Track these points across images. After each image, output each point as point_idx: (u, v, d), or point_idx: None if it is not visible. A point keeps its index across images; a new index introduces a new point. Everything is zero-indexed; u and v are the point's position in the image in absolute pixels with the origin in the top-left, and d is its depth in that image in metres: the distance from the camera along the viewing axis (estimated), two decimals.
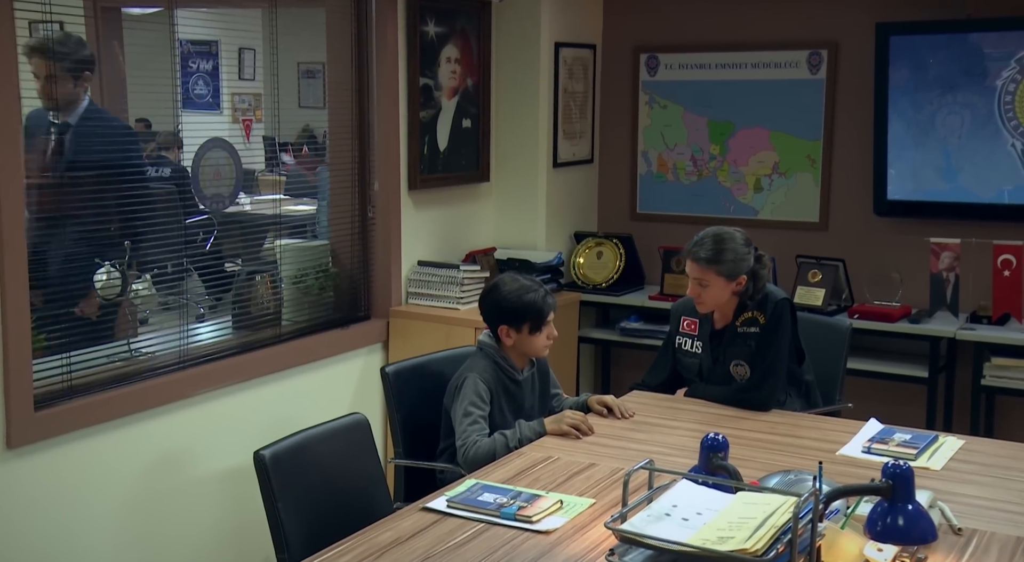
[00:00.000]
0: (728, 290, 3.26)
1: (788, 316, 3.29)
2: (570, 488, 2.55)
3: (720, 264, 3.23)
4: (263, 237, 4.28)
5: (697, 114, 5.11)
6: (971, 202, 4.48)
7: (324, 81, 4.57)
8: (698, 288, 3.27)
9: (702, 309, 3.33)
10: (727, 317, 3.34)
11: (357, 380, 4.33)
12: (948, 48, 4.44)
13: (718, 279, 3.24)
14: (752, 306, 3.30)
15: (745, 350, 3.28)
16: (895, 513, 1.98)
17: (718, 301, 3.29)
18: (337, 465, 2.71)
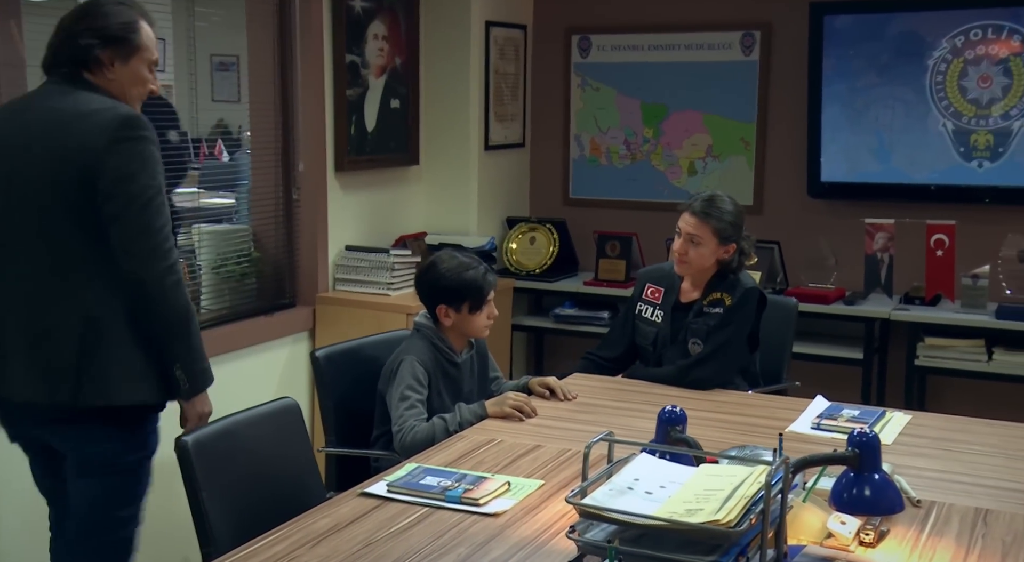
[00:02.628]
0: (715, 255, 3.17)
1: (754, 305, 3.20)
2: (516, 470, 2.42)
3: (719, 221, 3.14)
4: (178, 226, 4.06)
5: (630, 97, 5.03)
6: (904, 183, 4.48)
7: (239, 71, 4.36)
8: (688, 245, 3.17)
9: (682, 270, 3.23)
10: (697, 290, 3.25)
11: (282, 370, 4.15)
12: (881, 28, 4.42)
13: (712, 238, 3.15)
14: (722, 287, 3.20)
15: (704, 329, 3.19)
16: (861, 483, 1.91)
17: (703, 264, 3.18)
18: (266, 452, 2.53)
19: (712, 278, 3.22)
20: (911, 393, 4.31)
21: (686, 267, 3.21)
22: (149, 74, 2.50)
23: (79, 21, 2.44)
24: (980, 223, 4.34)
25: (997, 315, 4.15)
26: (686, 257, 3.18)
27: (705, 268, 3.20)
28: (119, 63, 2.44)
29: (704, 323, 3.19)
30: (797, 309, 3.61)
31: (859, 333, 4.41)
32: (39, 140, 2.36)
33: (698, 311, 3.22)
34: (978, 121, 4.33)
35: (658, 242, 4.82)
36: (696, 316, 3.22)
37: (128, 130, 2.35)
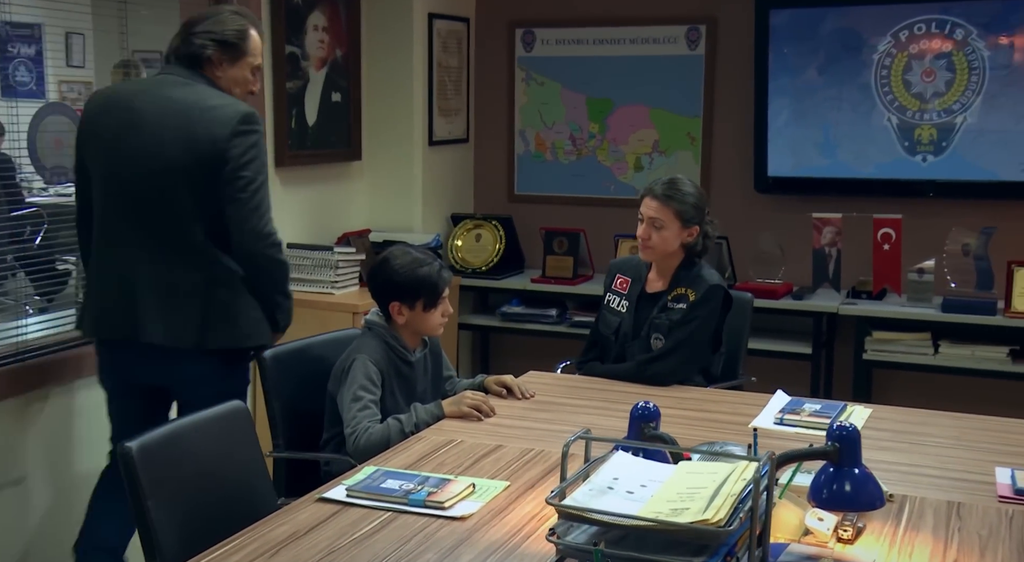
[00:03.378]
0: (679, 238, 3.14)
1: (718, 302, 3.16)
2: (480, 471, 2.33)
3: (680, 203, 3.11)
4: None
5: (575, 91, 4.97)
6: (850, 177, 4.49)
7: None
8: (651, 229, 3.13)
9: (647, 255, 3.19)
10: (663, 280, 3.21)
11: None
12: (826, 23, 4.42)
13: (674, 221, 3.11)
14: (687, 281, 3.16)
15: (667, 324, 3.15)
16: (841, 478, 1.85)
17: (667, 248, 3.14)
18: (214, 458, 2.40)
19: (678, 268, 3.18)
20: (860, 387, 4.31)
21: (651, 252, 3.18)
22: (251, 77, 2.94)
23: (199, 23, 2.87)
24: (925, 217, 4.37)
25: (943, 308, 4.17)
26: (650, 242, 3.15)
27: (670, 253, 3.17)
28: (227, 65, 2.87)
29: (667, 318, 3.15)
30: (752, 304, 3.58)
31: (807, 328, 4.40)
32: (170, 125, 2.75)
33: (662, 306, 3.17)
34: (922, 115, 4.35)
35: (606, 238, 4.78)
36: (660, 311, 3.17)
37: (247, 125, 2.80)
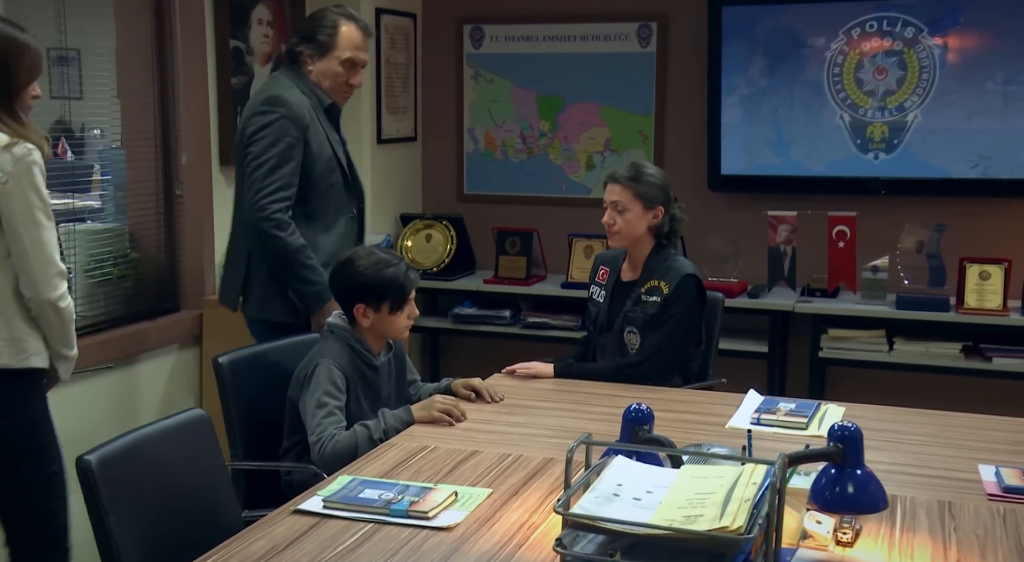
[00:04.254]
0: (644, 221, 3.11)
1: (693, 294, 3.12)
2: (459, 478, 2.24)
3: (640, 184, 3.10)
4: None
5: (525, 89, 4.89)
6: (802, 175, 4.48)
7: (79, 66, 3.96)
8: (614, 215, 3.11)
9: (615, 242, 3.17)
10: (636, 268, 3.17)
11: (167, 382, 3.84)
12: (779, 20, 4.41)
13: (636, 203, 3.09)
14: (659, 272, 3.11)
15: (642, 317, 3.11)
16: (844, 480, 1.79)
17: (633, 231, 3.11)
18: (177, 469, 2.28)
19: (649, 257, 3.15)
20: (816, 385, 4.31)
21: (618, 238, 3.15)
22: (341, 70, 3.15)
23: (302, 22, 3.23)
24: (877, 214, 4.38)
25: (897, 305, 4.18)
26: (615, 227, 3.13)
27: (637, 236, 3.13)
28: (316, 59, 3.15)
29: (642, 312, 3.11)
30: (724, 304, 3.54)
31: (762, 326, 4.38)
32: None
33: (636, 298, 3.14)
34: (874, 113, 4.36)
35: (560, 238, 4.71)
36: (634, 304, 3.13)
37: (266, 106, 3.06)
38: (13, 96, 2.41)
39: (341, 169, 3.22)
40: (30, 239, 2.39)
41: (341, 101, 3.25)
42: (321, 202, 3.18)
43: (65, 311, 2.49)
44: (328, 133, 3.19)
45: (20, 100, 2.43)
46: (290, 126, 3.06)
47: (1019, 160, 4.20)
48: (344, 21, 3.15)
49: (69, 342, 2.55)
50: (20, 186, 2.37)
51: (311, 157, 3.12)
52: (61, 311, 2.48)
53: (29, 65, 2.42)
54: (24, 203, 2.37)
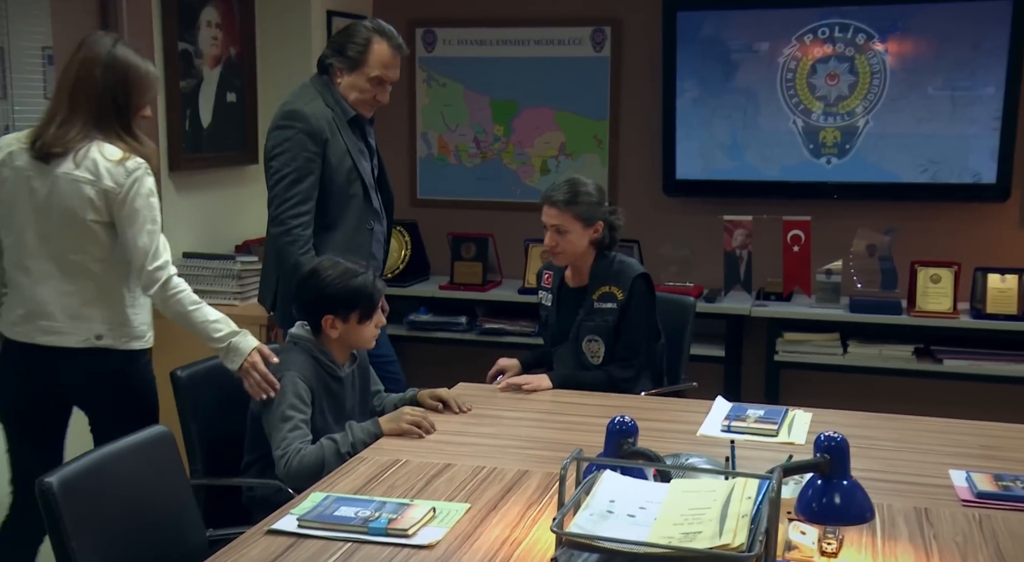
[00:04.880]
0: (586, 238, 3.14)
1: (646, 292, 3.17)
2: (434, 493, 2.20)
3: (578, 205, 3.11)
4: None
5: (479, 93, 4.86)
6: (757, 179, 4.51)
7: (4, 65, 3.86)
8: (556, 236, 3.13)
9: (560, 261, 3.20)
10: (582, 275, 3.20)
11: None
12: (733, 25, 4.43)
13: (576, 223, 3.11)
14: (609, 278, 3.14)
15: (602, 326, 3.13)
16: (831, 491, 1.79)
17: (576, 250, 3.15)
18: (140, 489, 2.20)
19: (594, 264, 3.18)
20: (772, 388, 4.34)
21: (562, 257, 3.20)
22: (369, 86, 3.18)
23: (336, 34, 3.27)
24: (831, 218, 4.42)
25: (851, 309, 4.22)
26: (558, 249, 3.16)
27: (580, 253, 3.17)
28: (346, 73, 3.19)
29: (601, 319, 3.13)
30: (695, 308, 3.54)
31: (718, 330, 4.40)
32: None
33: (589, 307, 3.15)
34: (826, 118, 4.40)
35: (515, 243, 4.69)
36: (588, 313, 3.15)
37: (285, 120, 3.15)
38: (131, 116, 2.70)
39: (362, 181, 3.23)
40: (138, 243, 2.64)
41: (365, 113, 3.26)
42: (340, 213, 3.21)
43: (172, 300, 2.68)
44: (349, 144, 3.20)
45: (136, 120, 2.73)
46: (307, 141, 3.11)
47: (966, 165, 4.27)
48: (377, 38, 3.17)
49: (199, 330, 2.70)
50: (130, 196, 2.63)
51: (330, 169, 3.16)
52: (168, 300, 2.68)
53: (146, 90, 2.73)
54: (132, 210, 2.63)
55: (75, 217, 2.65)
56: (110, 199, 2.63)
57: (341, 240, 3.20)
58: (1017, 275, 4.04)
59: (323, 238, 3.17)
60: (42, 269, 2.69)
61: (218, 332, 2.69)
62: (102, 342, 2.72)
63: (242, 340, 2.70)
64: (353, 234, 3.23)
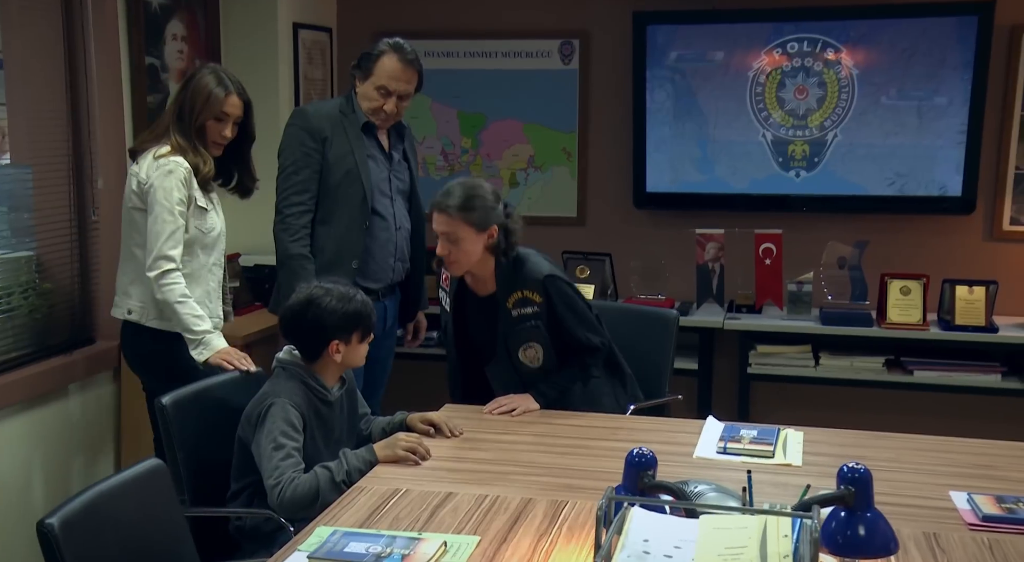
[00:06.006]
0: (480, 244, 2.97)
1: (562, 285, 3.07)
2: (441, 525, 2.16)
3: (470, 211, 2.94)
4: None
5: (446, 105, 4.82)
6: (726, 192, 4.53)
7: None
8: (448, 245, 2.97)
9: (455, 270, 3.06)
10: (486, 283, 3.07)
11: (87, 421, 3.62)
12: (703, 39, 4.45)
13: (468, 230, 2.95)
14: (519, 283, 3.02)
15: (532, 332, 3.03)
16: (855, 522, 1.79)
17: (471, 258, 2.99)
18: (137, 525, 2.14)
19: (497, 270, 3.04)
20: (744, 401, 4.36)
21: (457, 266, 3.03)
22: (376, 95, 3.40)
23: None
24: (800, 231, 4.46)
25: (822, 321, 4.26)
26: (451, 257, 3.00)
27: (476, 260, 3.01)
28: (360, 82, 3.45)
29: (529, 326, 3.03)
30: (678, 322, 3.54)
31: (690, 342, 4.41)
32: None
33: (507, 319, 3.03)
34: (795, 132, 4.44)
35: None
36: (509, 325, 3.03)
37: (290, 118, 3.48)
38: (193, 127, 3.08)
39: (363, 183, 3.41)
40: (150, 229, 3.02)
41: (378, 123, 3.46)
42: (334, 209, 3.42)
43: (163, 289, 3.01)
44: (356, 147, 3.42)
45: (202, 133, 3.10)
46: (305, 136, 3.39)
47: (932, 177, 4.34)
48: (388, 52, 3.41)
49: (183, 324, 3.02)
50: (154, 188, 3.02)
51: (328, 166, 3.41)
52: (159, 288, 3.00)
53: (207, 107, 3.08)
54: (152, 201, 3.02)
55: (126, 206, 3.13)
56: (143, 189, 3.05)
57: (334, 235, 3.42)
58: (984, 287, 4.11)
59: (318, 231, 3.42)
60: (121, 253, 3.21)
61: (197, 326, 3.02)
62: (131, 316, 3.14)
63: (215, 338, 3.03)
64: (345, 231, 3.41)
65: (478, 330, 3.14)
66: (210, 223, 3.15)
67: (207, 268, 3.17)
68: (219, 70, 3.15)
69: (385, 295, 3.60)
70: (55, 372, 3.48)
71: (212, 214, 3.16)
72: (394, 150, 3.58)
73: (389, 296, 3.64)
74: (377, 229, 3.48)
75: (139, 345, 3.18)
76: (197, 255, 3.13)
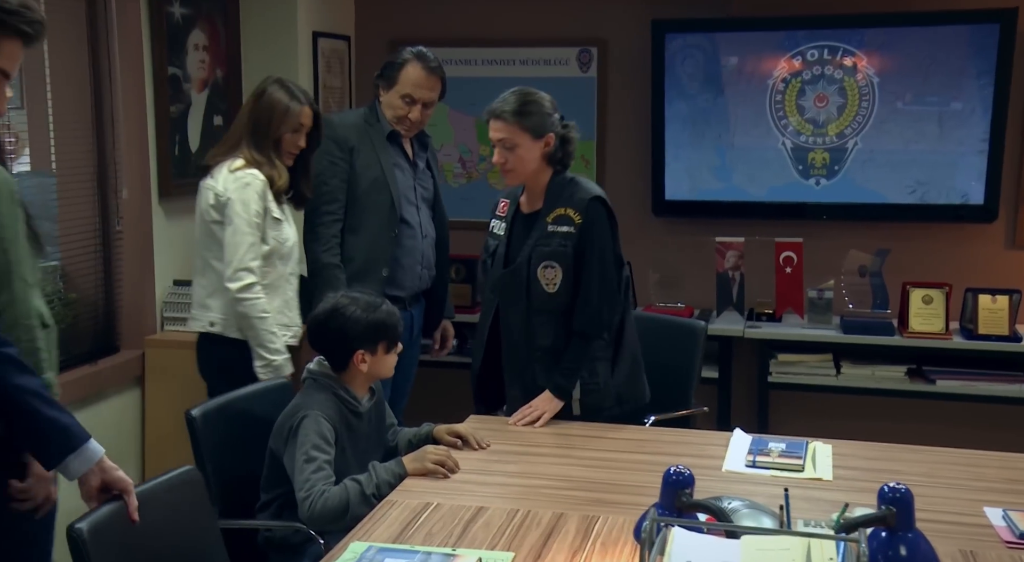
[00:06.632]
0: (536, 152, 2.95)
1: (604, 218, 3.00)
2: (474, 541, 2.15)
3: (526, 117, 2.93)
4: None
5: (464, 113, 4.82)
6: (745, 200, 4.52)
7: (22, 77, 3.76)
8: (504, 152, 2.95)
9: (512, 180, 3.02)
10: (537, 198, 3.03)
11: (111, 430, 3.63)
12: (722, 47, 4.44)
13: (524, 136, 2.93)
14: (563, 199, 2.98)
15: (559, 252, 2.94)
16: (897, 543, 1.79)
17: (527, 166, 2.96)
18: (169, 533, 2.15)
19: (550, 184, 3.01)
20: (764, 410, 4.35)
21: (512, 175, 3.00)
22: (400, 103, 3.45)
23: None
24: (820, 239, 4.45)
25: (843, 330, 4.24)
26: (508, 165, 2.97)
27: (533, 170, 2.98)
28: (384, 91, 3.49)
29: (557, 243, 2.94)
30: (706, 332, 3.53)
31: (710, 351, 4.39)
32: None
33: (543, 231, 2.97)
34: (815, 140, 4.43)
35: None
36: (542, 236, 2.97)
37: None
38: (268, 141, 3.13)
39: (390, 191, 3.46)
40: (228, 242, 3.06)
41: (403, 131, 3.52)
42: (363, 217, 3.46)
43: (244, 304, 3.06)
44: (382, 156, 3.47)
45: (277, 145, 3.16)
46: (332, 146, 3.41)
47: (954, 185, 4.33)
48: (412, 61, 3.46)
49: (259, 339, 3.08)
50: (232, 201, 3.06)
51: (356, 175, 3.45)
52: (240, 302, 3.06)
53: (283, 121, 3.14)
54: (230, 213, 3.06)
55: (204, 219, 3.14)
56: (220, 202, 3.08)
57: (363, 244, 3.46)
58: (1008, 296, 4.09)
59: (347, 240, 3.46)
60: (196, 265, 3.24)
61: (272, 344, 3.09)
62: (214, 328, 3.16)
63: (287, 365, 3.12)
64: (374, 240, 3.46)
65: (515, 248, 3.05)
66: (285, 234, 3.19)
67: (284, 278, 3.21)
68: (286, 82, 3.21)
69: (411, 303, 3.62)
70: (80, 382, 3.49)
71: (286, 225, 3.20)
72: (418, 158, 3.63)
73: (415, 304, 3.66)
74: (404, 237, 3.52)
75: (221, 356, 3.18)
76: (275, 266, 3.17)
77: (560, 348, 3.01)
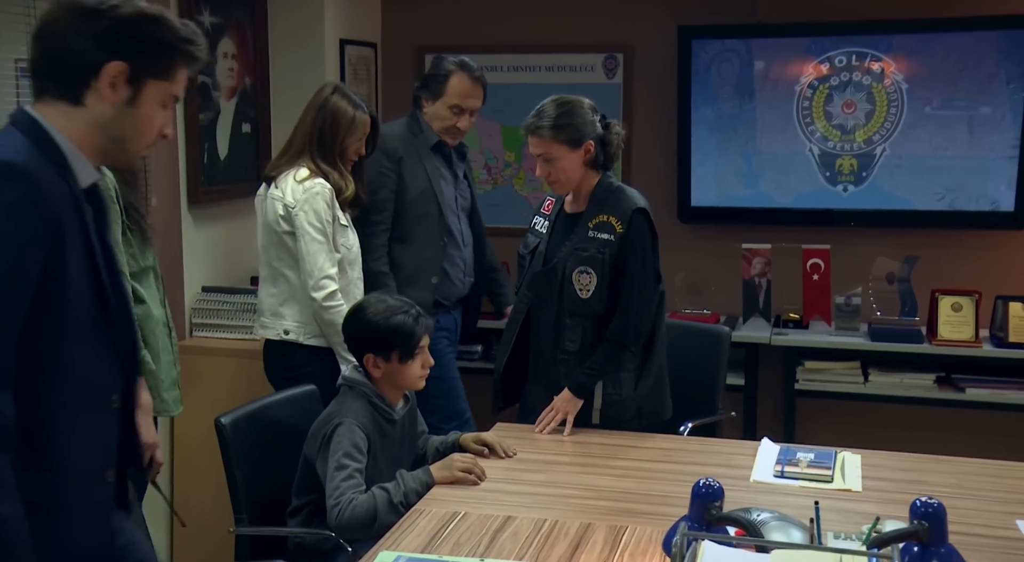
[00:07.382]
0: (577, 161, 2.96)
1: (647, 233, 2.99)
2: (503, 551, 2.16)
3: (561, 130, 2.93)
4: None
5: (489, 119, 4.82)
6: (772, 207, 4.50)
7: None
8: (545, 166, 2.97)
9: (559, 189, 3.06)
10: (581, 199, 3.04)
11: None
12: (749, 53, 4.43)
13: (562, 148, 2.94)
14: (607, 207, 2.98)
15: (596, 258, 2.94)
16: (929, 558, 1.77)
17: (571, 175, 2.98)
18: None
19: (596, 187, 3.01)
20: (791, 418, 4.32)
21: (560, 186, 3.03)
22: (449, 114, 3.52)
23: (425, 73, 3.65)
24: (847, 245, 4.42)
25: (871, 337, 4.21)
26: (551, 178, 2.99)
27: (578, 177, 2.99)
28: (430, 102, 3.55)
29: (596, 249, 2.95)
30: (730, 338, 3.52)
31: (737, 358, 4.38)
32: None
33: (583, 234, 2.98)
34: (843, 146, 4.41)
35: None
36: (581, 240, 2.97)
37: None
38: (335, 151, 3.20)
39: (438, 202, 3.53)
40: (306, 252, 3.11)
41: (449, 141, 3.59)
42: (412, 228, 3.53)
43: (331, 311, 3.11)
44: (428, 167, 3.55)
45: (343, 154, 3.23)
46: (381, 156, 3.46)
47: (983, 192, 4.29)
48: (456, 71, 3.52)
49: (340, 345, 3.05)
50: (303, 211, 3.12)
51: (404, 186, 3.52)
52: (327, 310, 3.12)
53: (350, 131, 3.21)
54: (301, 224, 3.12)
55: (273, 229, 3.19)
56: (290, 213, 3.13)
57: (412, 253, 3.53)
58: None
59: (394, 250, 3.52)
60: (263, 274, 3.28)
61: None
62: (289, 336, 3.22)
63: None
64: (423, 249, 3.54)
65: (554, 247, 3.06)
66: (351, 240, 3.28)
67: (353, 283, 3.28)
68: (345, 90, 3.26)
69: (454, 309, 3.72)
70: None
71: (350, 231, 3.28)
72: (457, 168, 3.69)
73: (456, 309, 3.76)
74: (449, 246, 3.60)
75: (294, 363, 3.23)
76: (345, 271, 3.24)
77: (587, 354, 3.01)
